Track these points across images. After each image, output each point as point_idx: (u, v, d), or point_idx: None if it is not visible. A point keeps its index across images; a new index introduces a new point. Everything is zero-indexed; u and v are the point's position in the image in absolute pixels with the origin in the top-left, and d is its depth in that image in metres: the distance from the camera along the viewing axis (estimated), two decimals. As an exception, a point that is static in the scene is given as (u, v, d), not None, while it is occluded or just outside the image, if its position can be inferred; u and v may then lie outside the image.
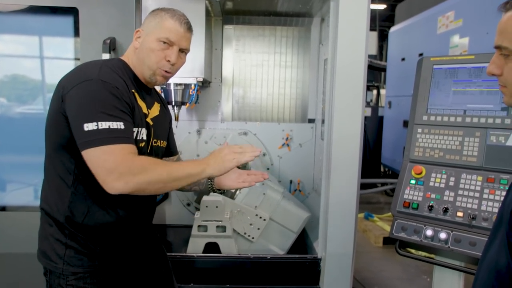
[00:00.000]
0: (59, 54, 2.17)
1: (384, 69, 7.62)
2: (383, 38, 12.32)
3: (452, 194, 1.60)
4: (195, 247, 2.14)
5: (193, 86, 2.25)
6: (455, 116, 1.68)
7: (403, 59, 5.81)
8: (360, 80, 1.92)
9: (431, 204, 1.61)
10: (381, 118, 6.80)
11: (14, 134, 2.18)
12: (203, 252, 2.14)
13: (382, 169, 7.29)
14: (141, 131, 1.37)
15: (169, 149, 1.67)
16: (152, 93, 1.53)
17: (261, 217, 2.21)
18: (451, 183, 1.62)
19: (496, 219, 0.87)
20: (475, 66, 1.66)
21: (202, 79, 2.23)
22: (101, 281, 1.36)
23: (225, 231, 2.14)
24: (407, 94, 5.15)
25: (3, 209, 2.18)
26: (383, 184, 6.38)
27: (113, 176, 1.18)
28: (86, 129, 1.19)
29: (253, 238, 2.23)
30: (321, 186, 2.09)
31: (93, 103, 1.22)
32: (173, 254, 2.07)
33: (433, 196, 1.63)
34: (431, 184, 1.66)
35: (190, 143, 2.72)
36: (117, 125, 1.22)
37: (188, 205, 2.72)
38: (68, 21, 2.03)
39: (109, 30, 1.99)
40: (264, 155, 2.79)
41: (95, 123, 1.19)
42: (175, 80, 2.17)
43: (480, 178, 1.57)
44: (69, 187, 1.31)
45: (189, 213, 2.71)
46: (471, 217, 1.51)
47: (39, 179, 1.40)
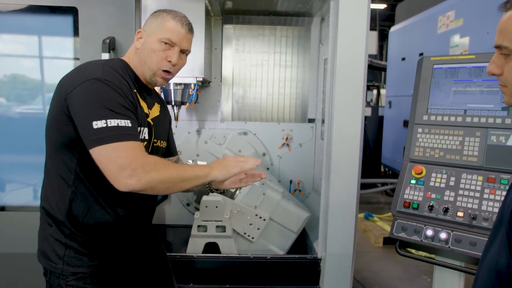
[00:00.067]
0: (58, 53, 2.17)
1: (384, 69, 7.62)
2: (383, 37, 12.31)
3: (452, 194, 1.60)
4: (194, 247, 2.14)
5: (192, 85, 2.25)
6: (455, 116, 1.68)
7: (403, 59, 5.81)
8: (360, 79, 1.92)
9: (431, 204, 1.61)
10: (381, 118, 6.79)
11: (13, 134, 2.18)
12: (203, 252, 2.13)
13: (382, 169, 7.29)
14: (144, 131, 1.38)
15: (168, 150, 1.67)
16: (152, 94, 1.54)
17: (261, 217, 2.21)
18: (452, 183, 1.61)
19: (496, 219, 0.87)
20: (475, 65, 1.65)
21: (201, 79, 2.23)
22: (101, 281, 1.36)
23: (225, 231, 2.13)
24: (407, 94, 5.14)
25: (3, 209, 2.17)
26: (383, 184, 6.38)
27: (126, 172, 1.18)
28: (95, 126, 1.19)
29: (253, 238, 2.23)
30: (321, 186, 2.09)
31: (99, 101, 1.22)
32: (173, 254, 2.07)
33: (433, 196, 1.63)
34: (432, 184, 1.66)
35: (189, 143, 2.71)
36: (125, 122, 1.22)
37: (187, 205, 2.72)
38: (67, 20, 2.03)
39: (109, 29, 1.99)
40: (264, 155, 2.79)
41: (104, 121, 1.19)
42: (175, 80, 2.16)
43: (480, 178, 1.56)
44: (70, 186, 1.32)
45: (188, 213, 2.71)
46: (472, 217, 1.51)
47: (38, 179, 1.40)
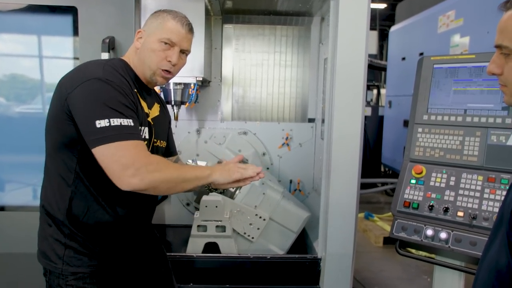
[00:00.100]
0: (58, 53, 2.17)
1: (384, 69, 7.62)
2: (384, 37, 12.31)
3: (452, 193, 1.60)
4: (194, 247, 2.14)
5: (192, 85, 2.24)
6: (455, 115, 1.67)
7: (404, 59, 5.80)
8: (360, 79, 1.92)
9: (431, 203, 1.61)
10: (382, 117, 6.79)
11: (12, 133, 2.17)
12: (203, 252, 2.13)
13: (382, 169, 7.28)
14: (144, 130, 1.38)
15: (168, 149, 1.67)
16: (152, 94, 1.54)
17: (261, 217, 2.21)
18: (452, 183, 1.61)
19: (496, 218, 0.87)
20: (475, 65, 1.65)
21: (201, 79, 2.23)
22: (100, 281, 1.35)
23: (224, 231, 2.13)
24: (407, 93, 5.14)
25: (2, 209, 2.17)
26: (383, 183, 6.37)
27: (129, 171, 1.18)
28: (98, 125, 1.19)
29: (252, 238, 2.22)
30: (321, 185, 2.08)
31: (101, 100, 1.22)
32: (173, 254, 2.07)
33: (433, 195, 1.63)
34: (432, 183, 1.65)
35: (189, 142, 2.71)
36: (127, 122, 1.23)
37: (187, 205, 2.72)
38: (67, 20, 2.02)
39: (108, 29, 1.98)
40: (264, 154, 2.78)
41: (107, 120, 1.19)
42: (175, 79, 2.15)
43: (480, 177, 1.56)
44: (70, 185, 1.31)
45: (188, 213, 2.71)
46: (472, 216, 1.51)
47: (38, 178, 1.40)
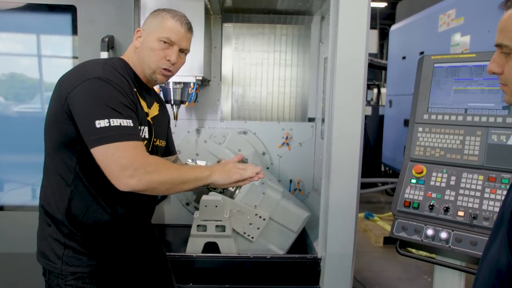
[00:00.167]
0: (57, 52, 2.16)
1: (384, 68, 7.61)
2: (384, 36, 12.30)
3: (453, 193, 1.59)
4: (194, 247, 2.13)
5: (192, 84, 2.24)
6: (456, 115, 1.67)
7: (404, 58, 5.79)
8: (360, 78, 1.91)
9: (432, 203, 1.60)
10: (382, 117, 6.78)
11: (11, 133, 2.17)
12: (202, 252, 2.13)
13: (382, 168, 7.28)
14: (144, 130, 1.38)
15: (167, 149, 1.67)
16: (151, 93, 1.54)
17: (260, 217, 2.20)
18: (452, 182, 1.61)
19: (496, 218, 0.86)
20: (476, 64, 1.65)
21: (201, 78, 2.22)
22: (100, 281, 1.35)
23: (224, 231, 2.13)
24: (407, 92, 5.14)
25: (1, 208, 2.17)
26: (383, 183, 6.37)
27: (127, 172, 1.18)
28: (98, 126, 1.19)
29: (252, 237, 2.22)
30: (321, 185, 2.08)
31: (101, 100, 1.22)
32: (172, 254, 2.06)
33: (434, 195, 1.62)
34: (432, 183, 1.65)
35: (189, 142, 2.71)
36: (127, 122, 1.22)
37: (187, 204, 2.71)
38: (66, 19, 2.02)
39: (107, 28, 1.98)
40: (263, 154, 2.78)
41: (107, 120, 1.19)
42: (174, 78, 2.16)
43: (481, 177, 1.56)
44: (69, 185, 1.31)
45: (188, 212, 2.70)
46: (472, 216, 1.50)
47: (37, 178, 1.40)
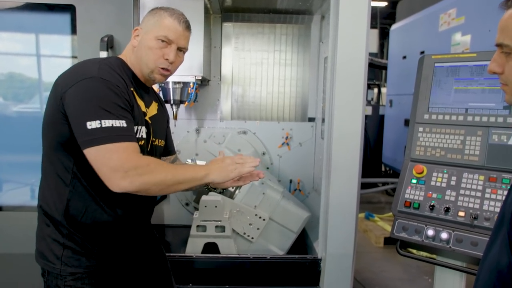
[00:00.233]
0: (56, 52, 2.16)
1: (385, 67, 7.60)
2: (384, 36, 12.28)
3: (453, 193, 1.58)
4: (194, 247, 2.13)
5: (191, 84, 2.23)
6: (456, 114, 1.66)
7: (404, 57, 5.78)
8: (360, 78, 1.91)
9: (432, 203, 1.60)
10: (382, 116, 6.78)
11: (10, 133, 2.17)
12: (202, 252, 2.12)
13: (383, 169, 7.27)
14: (141, 130, 1.37)
15: (166, 149, 1.66)
16: (150, 92, 1.53)
17: (260, 217, 2.20)
18: (453, 183, 1.60)
19: (497, 218, 0.86)
20: (477, 64, 1.64)
21: (201, 77, 2.22)
22: (99, 282, 1.35)
23: (224, 231, 2.12)
24: (408, 92, 5.13)
25: (0, 209, 2.16)
26: (384, 183, 6.37)
27: (118, 174, 1.18)
28: (89, 127, 1.18)
29: (252, 238, 2.21)
30: (321, 185, 2.07)
31: (94, 101, 1.21)
32: (172, 254, 2.06)
33: (434, 195, 1.62)
34: (433, 183, 1.64)
35: (188, 142, 2.70)
36: (119, 123, 1.21)
37: (187, 204, 2.71)
38: (65, 18, 2.02)
39: (107, 27, 1.98)
40: (263, 154, 2.77)
41: (98, 121, 1.18)
42: (174, 78, 2.16)
43: (482, 177, 1.55)
44: (67, 185, 1.31)
45: (187, 213, 2.70)
46: (473, 217, 1.49)
47: (36, 178, 1.39)
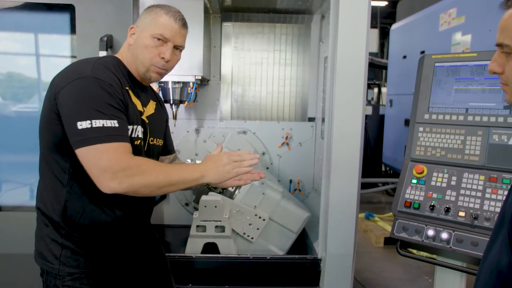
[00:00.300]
0: (55, 51, 2.16)
1: (385, 67, 7.60)
2: (384, 35, 12.28)
3: (454, 193, 1.58)
4: (193, 248, 2.12)
5: (191, 84, 2.23)
6: (457, 114, 1.66)
7: (405, 57, 5.78)
8: (360, 78, 1.90)
9: (432, 203, 1.59)
10: (382, 116, 6.77)
11: (9, 133, 2.16)
12: (202, 252, 2.12)
13: (383, 168, 7.26)
14: (136, 129, 1.35)
15: (166, 148, 1.66)
16: (147, 91, 1.52)
17: (260, 217, 2.19)
18: (453, 183, 1.60)
19: (497, 219, 0.86)
20: (477, 64, 1.63)
21: (200, 77, 2.21)
22: (97, 282, 1.34)
23: (224, 231, 2.12)
24: (408, 92, 5.12)
25: (-1, 209, 2.16)
26: (384, 183, 6.36)
27: (107, 175, 1.17)
28: (79, 127, 1.18)
29: (252, 238, 2.21)
30: (321, 185, 2.07)
31: (86, 101, 1.20)
32: (172, 254, 2.05)
33: (434, 195, 1.61)
34: (433, 183, 1.64)
35: (188, 142, 2.70)
36: (111, 123, 1.20)
37: (186, 205, 2.71)
38: (64, 18, 2.01)
39: (106, 27, 1.97)
40: (263, 154, 2.77)
41: (89, 121, 1.18)
42: (173, 78, 2.15)
43: (482, 177, 1.54)
44: (65, 186, 1.30)
45: (187, 213, 2.69)
46: (473, 217, 1.49)
47: (35, 178, 1.39)
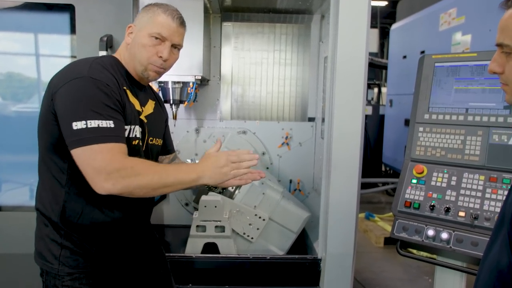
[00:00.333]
0: (55, 51, 2.16)
1: (385, 67, 7.60)
2: (384, 35, 12.28)
3: (454, 193, 1.58)
4: (193, 248, 2.12)
5: (191, 84, 2.23)
6: (457, 114, 1.66)
7: (405, 57, 5.78)
8: (360, 78, 1.90)
9: (432, 203, 1.59)
10: (382, 116, 6.77)
11: (9, 133, 2.16)
12: (202, 252, 2.12)
13: (383, 168, 7.26)
14: (134, 129, 1.35)
15: (165, 147, 1.65)
16: (146, 90, 1.51)
17: (260, 217, 2.19)
18: (453, 183, 1.60)
19: (497, 218, 0.86)
20: (477, 63, 1.63)
21: (200, 77, 2.21)
22: (96, 282, 1.34)
23: (224, 231, 2.11)
24: (408, 92, 5.12)
25: (-1, 209, 2.16)
26: (384, 183, 6.36)
27: (101, 176, 1.16)
28: (75, 127, 1.17)
29: (252, 238, 2.21)
30: (321, 185, 2.07)
31: (82, 101, 1.20)
32: (172, 254, 2.05)
33: (434, 195, 1.61)
34: (433, 183, 1.63)
35: (188, 142, 2.70)
36: (106, 123, 1.19)
37: (186, 205, 2.70)
38: (64, 18, 2.01)
39: (106, 27, 1.97)
40: (263, 154, 2.77)
41: (84, 122, 1.17)
42: (173, 78, 2.15)
43: (482, 177, 1.54)
44: (63, 186, 1.30)
45: (187, 213, 2.69)
46: (473, 217, 1.49)
47: (35, 178, 1.39)
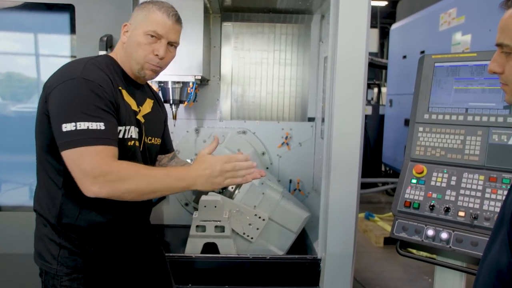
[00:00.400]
0: (55, 51, 2.16)
1: (385, 67, 7.60)
2: (384, 35, 12.28)
3: (453, 193, 1.58)
4: (193, 248, 2.12)
5: (191, 84, 2.23)
6: (456, 114, 1.66)
7: (405, 57, 5.78)
8: (360, 77, 1.90)
9: (432, 203, 1.59)
10: (382, 116, 6.78)
11: (9, 133, 2.16)
12: (202, 252, 2.11)
13: (383, 168, 7.27)
14: (129, 129, 1.33)
15: (164, 147, 1.64)
16: (143, 89, 1.49)
17: (260, 217, 2.19)
18: (453, 183, 1.60)
19: (497, 218, 0.86)
20: (477, 63, 1.63)
21: (200, 77, 2.21)
22: (95, 282, 1.34)
23: (223, 231, 2.11)
24: (408, 92, 5.12)
25: (-1, 209, 2.16)
26: (384, 183, 6.36)
27: (88, 179, 1.15)
28: (64, 129, 1.16)
29: (252, 238, 2.21)
30: (321, 185, 2.07)
31: (73, 102, 1.19)
32: (171, 254, 2.05)
33: (434, 195, 1.61)
34: (433, 183, 1.64)
35: (188, 142, 2.70)
36: (97, 125, 1.18)
37: (186, 205, 2.70)
38: (64, 18, 2.01)
39: (106, 27, 1.97)
40: (263, 154, 2.77)
41: (73, 124, 1.16)
42: (173, 78, 2.15)
43: (482, 177, 1.54)
44: (60, 188, 1.29)
45: (187, 213, 2.69)
46: (473, 216, 1.49)
47: (34, 178, 1.39)
